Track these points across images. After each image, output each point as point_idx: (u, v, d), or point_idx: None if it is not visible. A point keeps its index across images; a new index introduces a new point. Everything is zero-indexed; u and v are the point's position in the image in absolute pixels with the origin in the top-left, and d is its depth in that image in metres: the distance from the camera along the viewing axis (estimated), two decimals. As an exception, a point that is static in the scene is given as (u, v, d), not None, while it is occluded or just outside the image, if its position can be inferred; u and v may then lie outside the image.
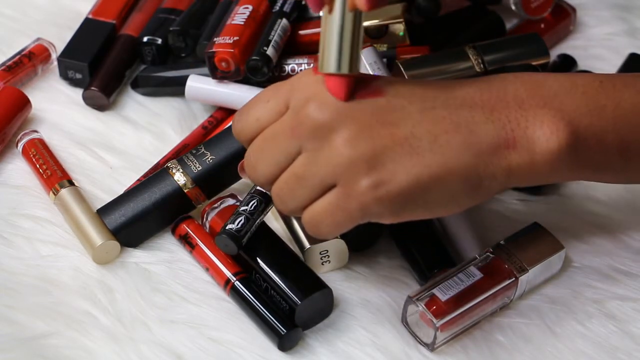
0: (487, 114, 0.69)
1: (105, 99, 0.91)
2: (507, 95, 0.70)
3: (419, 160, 0.68)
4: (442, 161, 0.68)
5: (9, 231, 0.81)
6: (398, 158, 0.68)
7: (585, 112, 0.70)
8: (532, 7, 0.95)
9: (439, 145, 0.68)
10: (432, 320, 0.73)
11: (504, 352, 0.75)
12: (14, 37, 0.97)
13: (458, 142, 0.68)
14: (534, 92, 0.70)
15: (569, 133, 0.69)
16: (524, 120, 0.69)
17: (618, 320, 0.77)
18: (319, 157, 0.69)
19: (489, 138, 0.69)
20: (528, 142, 0.69)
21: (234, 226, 0.76)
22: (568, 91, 0.70)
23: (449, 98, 0.70)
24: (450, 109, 0.69)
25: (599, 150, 0.71)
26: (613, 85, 0.71)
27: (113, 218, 0.80)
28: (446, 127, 0.68)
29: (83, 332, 0.75)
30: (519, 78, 0.71)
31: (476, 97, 0.70)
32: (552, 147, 0.69)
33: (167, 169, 0.81)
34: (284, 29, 0.90)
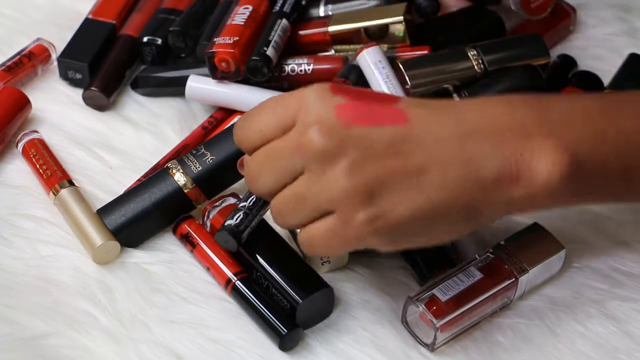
0: (495, 145, 0.69)
1: (105, 99, 0.91)
2: (515, 123, 0.69)
3: (422, 195, 0.68)
4: (445, 197, 0.68)
5: (9, 231, 0.81)
6: (401, 191, 0.68)
7: (587, 139, 0.70)
8: (532, 7, 0.95)
9: (445, 181, 0.68)
10: (432, 320, 0.73)
11: (504, 353, 0.75)
12: (14, 37, 0.97)
13: (464, 178, 0.68)
14: (540, 120, 0.70)
15: (571, 164, 0.69)
16: (529, 153, 0.69)
17: (618, 321, 0.77)
18: (320, 181, 0.68)
19: (494, 173, 0.69)
20: (531, 176, 0.69)
21: (232, 222, 0.76)
22: (571, 118, 0.70)
23: (462, 127, 0.69)
24: (462, 140, 0.69)
25: (601, 176, 0.71)
26: (615, 109, 0.71)
27: (113, 218, 0.80)
28: (456, 162, 0.68)
29: (83, 332, 0.75)
30: (527, 104, 0.71)
31: (486, 125, 0.69)
32: (554, 179, 0.69)
33: (167, 169, 0.81)
34: (284, 29, 0.90)
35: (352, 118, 0.68)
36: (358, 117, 0.68)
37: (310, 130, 0.68)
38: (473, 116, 0.70)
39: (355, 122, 0.68)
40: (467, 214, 0.69)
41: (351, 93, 0.70)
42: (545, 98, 0.72)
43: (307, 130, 0.68)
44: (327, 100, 0.69)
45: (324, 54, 0.93)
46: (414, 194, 0.68)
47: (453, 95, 0.87)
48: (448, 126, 0.69)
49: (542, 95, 0.72)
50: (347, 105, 0.69)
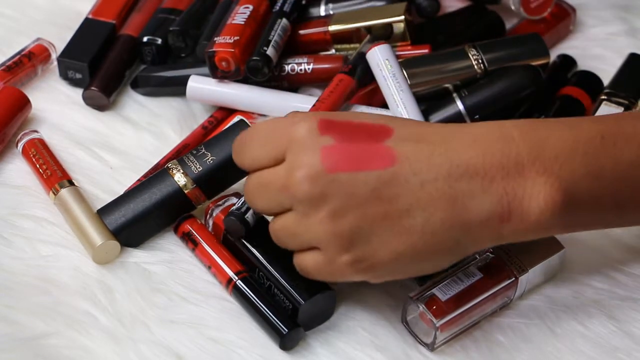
0: (486, 185, 0.68)
1: (105, 99, 0.91)
2: (509, 160, 0.68)
3: (406, 239, 0.68)
4: (429, 241, 0.68)
5: (9, 231, 0.81)
6: (383, 235, 0.68)
7: (584, 175, 0.69)
8: (532, 7, 0.95)
9: (431, 224, 0.68)
10: (432, 320, 0.73)
11: (504, 352, 0.75)
12: (14, 37, 0.97)
13: (451, 221, 0.68)
14: (536, 155, 0.69)
15: (565, 202, 0.69)
16: (522, 190, 0.68)
17: (618, 321, 0.77)
18: (305, 222, 0.69)
19: (483, 215, 0.68)
20: (522, 214, 0.68)
21: (239, 207, 0.77)
22: (569, 152, 0.69)
23: (452, 166, 0.68)
24: (451, 181, 0.68)
25: (594, 209, 0.71)
26: (614, 143, 0.70)
27: (113, 218, 0.80)
28: (443, 204, 0.68)
29: (83, 332, 0.75)
30: (523, 135, 0.69)
31: (479, 163, 0.68)
32: (545, 217, 0.68)
33: (167, 170, 0.81)
34: (284, 29, 0.90)
35: (338, 163, 0.68)
36: (344, 162, 0.68)
37: (296, 173, 0.68)
38: (466, 154, 0.68)
39: (340, 168, 0.68)
40: (452, 252, 0.70)
41: (340, 131, 0.69)
42: (544, 126, 0.71)
43: (293, 173, 0.68)
44: (314, 141, 0.69)
45: (324, 54, 0.93)
46: (397, 239, 0.68)
47: (453, 94, 0.87)
48: (438, 166, 0.68)
49: (540, 122, 0.71)
50: (334, 149, 0.68)
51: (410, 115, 0.84)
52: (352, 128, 0.70)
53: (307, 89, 0.91)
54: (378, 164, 0.68)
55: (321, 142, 0.68)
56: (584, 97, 0.89)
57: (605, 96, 0.88)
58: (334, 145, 0.68)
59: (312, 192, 0.68)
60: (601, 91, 0.90)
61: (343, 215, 0.68)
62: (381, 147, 0.69)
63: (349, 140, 0.69)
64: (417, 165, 0.68)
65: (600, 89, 0.90)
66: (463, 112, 0.86)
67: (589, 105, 0.89)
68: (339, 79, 0.87)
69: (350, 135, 0.69)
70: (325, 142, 0.69)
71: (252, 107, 0.89)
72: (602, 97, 0.89)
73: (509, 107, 0.88)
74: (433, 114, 0.87)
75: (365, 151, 0.68)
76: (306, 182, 0.68)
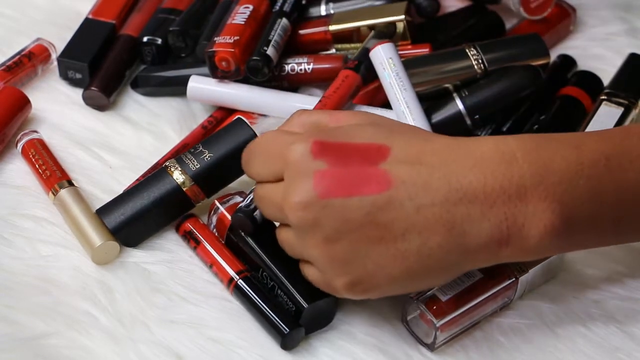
0: (485, 209, 0.67)
1: (105, 99, 0.91)
2: (511, 184, 0.67)
3: (402, 263, 0.67)
4: (426, 264, 0.68)
5: (9, 231, 0.81)
6: (380, 259, 0.67)
7: (585, 200, 0.68)
8: (532, 7, 0.95)
9: (427, 248, 0.67)
10: (432, 320, 0.73)
11: (504, 352, 0.75)
12: (14, 37, 0.97)
13: (448, 245, 0.67)
14: (539, 179, 0.67)
15: (565, 228, 0.68)
16: (522, 217, 0.67)
17: (618, 321, 0.77)
18: (302, 242, 0.70)
19: (482, 239, 0.67)
20: (522, 239, 0.67)
21: (247, 204, 0.77)
22: (572, 177, 0.68)
23: (451, 190, 0.67)
24: (448, 205, 0.67)
25: (593, 232, 0.70)
26: (618, 165, 0.69)
27: (112, 218, 0.80)
28: (440, 228, 0.67)
29: (83, 332, 0.75)
30: (526, 156, 0.68)
31: (479, 187, 0.67)
32: (544, 242, 0.68)
33: (166, 168, 0.81)
34: (284, 29, 0.90)
35: (330, 189, 0.67)
36: (336, 187, 0.67)
37: (290, 198, 0.68)
38: (466, 178, 0.67)
39: (333, 193, 0.67)
40: (448, 272, 0.70)
41: (334, 154, 0.68)
42: (548, 144, 0.69)
43: (287, 198, 0.68)
44: (307, 166, 0.68)
45: (324, 53, 0.93)
46: (392, 263, 0.67)
47: (453, 94, 0.87)
48: (435, 190, 0.67)
49: (544, 140, 0.69)
50: (327, 174, 0.67)
51: (412, 114, 0.84)
52: (347, 150, 0.68)
53: (307, 89, 0.91)
54: (372, 188, 0.67)
55: (314, 167, 0.68)
56: (584, 97, 0.89)
57: (605, 96, 0.88)
58: (327, 170, 0.68)
59: (306, 218, 0.68)
60: (601, 91, 0.90)
61: (337, 240, 0.67)
62: (376, 170, 0.67)
63: (342, 164, 0.68)
64: (413, 189, 0.67)
65: (600, 89, 0.90)
66: (463, 112, 0.86)
67: (589, 105, 0.89)
68: (344, 75, 0.86)
69: (344, 159, 0.68)
70: (318, 166, 0.68)
71: (252, 107, 0.89)
72: (602, 97, 0.89)
73: (509, 107, 0.88)
74: (433, 114, 0.87)
75: (359, 175, 0.67)
76: (299, 209, 0.67)
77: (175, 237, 0.82)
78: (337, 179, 0.67)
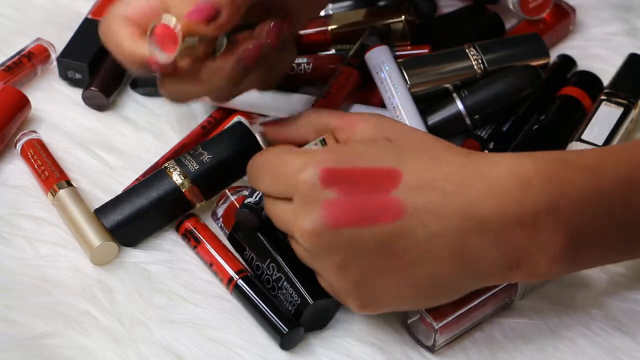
0: (497, 237, 0.66)
1: (104, 99, 0.91)
2: (524, 211, 0.66)
3: (412, 287, 0.67)
4: (436, 288, 0.68)
5: (9, 231, 0.81)
6: (391, 284, 0.67)
7: (598, 226, 0.68)
8: (531, 8, 0.95)
9: (438, 274, 0.67)
10: (431, 323, 0.73)
11: (504, 353, 0.75)
12: (14, 37, 0.97)
13: (458, 271, 0.67)
14: (553, 208, 0.66)
15: (575, 255, 0.68)
16: (533, 245, 0.66)
17: (618, 321, 0.77)
18: (313, 262, 0.69)
19: (492, 265, 0.67)
20: (531, 266, 0.67)
21: (252, 199, 0.77)
22: (587, 205, 0.67)
23: (464, 219, 0.65)
24: (461, 234, 0.66)
25: (601, 255, 0.70)
26: (630, 188, 0.68)
27: (110, 217, 0.80)
28: (452, 256, 0.66)
29: (83, 332, 0.75)
30: (542, 183, 0.66)
31: (493, 215, 0.66)
32: (553, 269, 0.68)
33: (165, 169, 0.81)
34: (284, 29, 0.90)
35: (340, 220, 0.66)
36: (346, 217, 0.66)
37: (300, 224, 0.67)
38: (480, 206, 0.66)
39: (343, 223, 0.66)
40: (457, 292, 0.70)
41: (344, 182, 0.67)
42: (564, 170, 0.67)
43: (297, 223, 0.67)
44: (316, 195, 0.67)
45: (323, 53, 0.93)
46: (402, 287, 0.67)
47: (453, 94, 0.87)
48: (448, 219, 0.65)
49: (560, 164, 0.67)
50: (336, 203, 0.66)
51: (407, 117, 0.84)
52: (357, 177, 0.67)
53: (307, 89, 0.91)
54: (384, 217, 0.66)
55: (323, 196, 0.66)
56: (584, 97, 0.89)
57: (605, 96, 0.88)
58: (336, 200, 0.66)
59: (316, 245, 0.67)
60: (601, 91, 0.90)
61: (348, 267, 0.67)
62: (388, 199, 0.66)
63: (353, 192, 0.66)
64: (425, 217, 0.65)
65: (600, 89, 0.90)
66: (463, 112, 0.86)
67: (588, 105, 0.89)
68: (348, 73, 0.86)
69: (354, 187, 0.67)
70: (327, 195, 0.66)
71: (252, 107, 0.89)
72: (602, 97, 0.89)
73: (509, 107, 0.88)
74: (433, 114, 0.87)
75: (370, 205, 0.66)
76: (309, 235, 0.67)
77: (175, 237, 0.82)
78: (346, 210, 0.66)
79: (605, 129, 0.86)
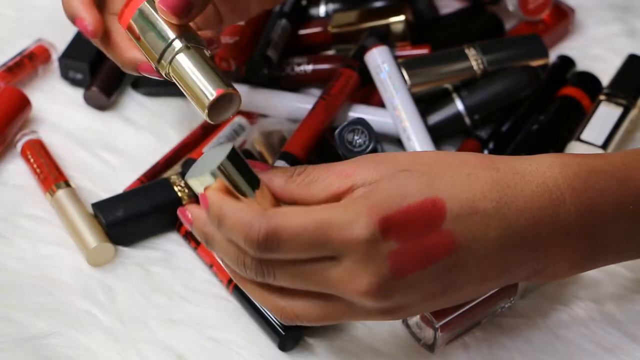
0: (532, 252, 0.66)
1: (105, 99, 0.91)
2: (557, 227, 0.66)
3: (446, 302, 0.67)
4: (462, 299, 0.68)
5: (9, 231, 0.82)
6: (430, 306, 0.67)
7: (622, 236, 0.68)
8: (530, 8, 0.96)
9: (477, 291, 0.67)
10: (432, 321, 0.74)
11: (504, 352, 0.75)
12: (15, 37, 0.97)
13: (495, 286, 0.68)
14: (583, 221, 0.66)
15: (594, 260, 0.69)
16: (560, 254, 0.67)
17: (618, 320, 0.77)
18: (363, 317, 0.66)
19: (523, 275, 0.68)
20: (552, 271, 0.68)
21: None
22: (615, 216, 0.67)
23: (505, 238, 0.65)
24: (503, 252, 0.65)
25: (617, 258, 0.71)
26: None
27: (109, 213, 0.81)
28: (493, 275, 0.66)
29: (83, 331, 0.76)
30: (574, 198, 0.66)
31: (529, 232, 0.65)
32: (571, 273, 0.69)
33: (169, 180, 0.82)
34: (284, 29, 0.90)
35: (406, 268, 0.63)
36: (412, 264, 0.63)
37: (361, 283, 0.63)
38: (518, 223, 0.65)
39: (409, 271, 0.63)
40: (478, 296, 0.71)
41: (400, 228, 0.63)
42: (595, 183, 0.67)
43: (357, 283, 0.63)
44: (379, 249, 0.63)
45: (324, 54, 0.93)
46: (441, 304, 0.67)
47: (453, 95, 0.87)
48: (492, 241, 0.65)
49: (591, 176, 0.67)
50: (400, 253, 0.63)
51: (407, 117, 0.84)
52: (408, 217, 0.63)
53: (307, 89, 0.92)
54: (441, 253, 0.64)
55: (387, 248, 0.63)
56: (583, 97, 0.90)
57: (605, 97, 0.89)
58: (400, 249, 0.63)
59: (381, 300, 0.63)
60: (600, 91, 0.90)
61: (405, 308, 0.65)
62: (441, 234, 0.64)
63: (411, 237, 0.63)
64: (474, 245, 0.64)
65: (599, 90, 0.90)
66: (463, 112, 0.86)
67: (588, 106, 0.89)
68: (348, 75, 0.87)
69: (410, 230, 0.63)
70: (390, 247, 0.63)
71: (252, 107, 0.89)
72: (601, 97, 0.89)
73: (509, 107, 0.88)
74: (432, 114, 0.87)
75: (428, 245, 0.64)
76: (375, 293, 0.63)
77: (176, 238, 0.82)
78: (411, 257, 0.64)
79: (605, 129, 0.86)
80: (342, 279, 0.63)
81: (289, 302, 0.66)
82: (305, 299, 0.66)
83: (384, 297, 0.63)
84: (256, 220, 0.62)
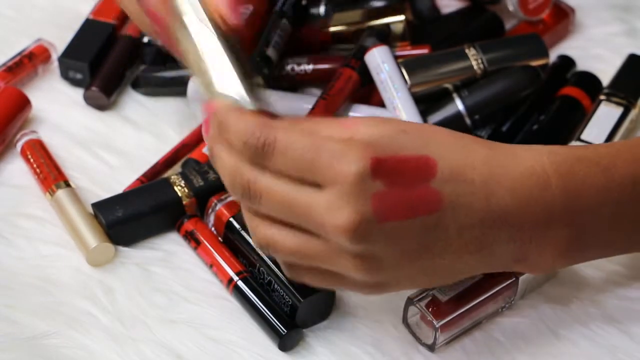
0: (513, 232, 0.67)
1: (105, 99, 0.91)
2: (540, 210, 0.67)
3: (430, 275, 0.68)
4: (450, 276, 0.69)
5: (9, 231, 0.82)
6: (411, 271, 0.67)
7: (605, 226, 0.69)
8: (530, 8, 0.96)
9: (456, 265, 0.68)
10: (432, 321, 0.74)
11: (504, 352, 0.75)
12: (15, 37, 0.97)
13: (474, 263, 0.68)
14: (567, 207, 0.67)
15: (580, 252, 0.70)
16: (543, 240, 0.68)
17: (618, 321, 0.77)
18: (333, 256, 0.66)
19: (504, 258, 0.68)
20: (537, 259, 0.69)
21: None
22: (598, 204, 0.68)
23: (489, 212, 0.66)
24: (484, 227, 0.66)
25: (604, 250, 0.72)
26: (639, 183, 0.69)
27: (109, 213, 0.81)
28: (472, 249, 0.67)
29: (83, 331, 0.75)
30: (560, 182, 0.67)
31: (513, 211, 0.66)
32: (557, 264, 0.70)
33: (169, 179, 0.82)
34: (284, 29, 0.90)
35: (389, 213, 0.64)
36: (395, 211, 0.64)
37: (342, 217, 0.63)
38: (503, 201, 0.66)
39: (391, 217, 0.64)
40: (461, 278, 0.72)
41: (390, 172, 0.64)
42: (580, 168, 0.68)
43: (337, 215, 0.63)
44: (366, 186, 0.63)
45: (323, 54, 0.93)
46: (421, 275, 0.68)
47: (453, 94, 0.87)
48: (475, 212, 0.66)
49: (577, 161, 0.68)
50: (386, 196, 0.64)
51: (407, 118, 0.85)
52: (400, 165, 0.64)
53: (307, 89, 0.92)
54: (425, 209, 0.65)
55: (373, 188, 0.63)
56: (584, 97, 0.90)
57: (605, 96, 0.89)
58: (386, 192, 0.64)
59: (357, 240, 0.63)
60: (600, 91, 0.90)
61: (380, 261, 0.66)
62: (428, 190, 0.65)
63: (399, 184, 0.64)
64: (458, 211, 0.65)
65: (599, 89, 0.90)
66: (463, 112, 0.86)
67: (588, 105, 0.89)
68: (348, 75, 0.87)
69: (400, 177, 0.64)
70: (377, 187, 0.63)
71: (252, 107, 0.89)
72: (601, 97, 0.89)
73: (509, 107, 0.88)
74: (433, 114, 0.87)
75: (414, 196, 0.64)
76: (352, 231, 0.63)
77: (175, 237, 0.82)
78: (396, 202, 0.64)
79: (605, 129, 0.87)
80: (324, 210, 0.63)
81: (267, 226, 0.67)
82: (283, 228, 0.66)
83: (361, 238, 0.63)
84: (258, 128, 0.65)
